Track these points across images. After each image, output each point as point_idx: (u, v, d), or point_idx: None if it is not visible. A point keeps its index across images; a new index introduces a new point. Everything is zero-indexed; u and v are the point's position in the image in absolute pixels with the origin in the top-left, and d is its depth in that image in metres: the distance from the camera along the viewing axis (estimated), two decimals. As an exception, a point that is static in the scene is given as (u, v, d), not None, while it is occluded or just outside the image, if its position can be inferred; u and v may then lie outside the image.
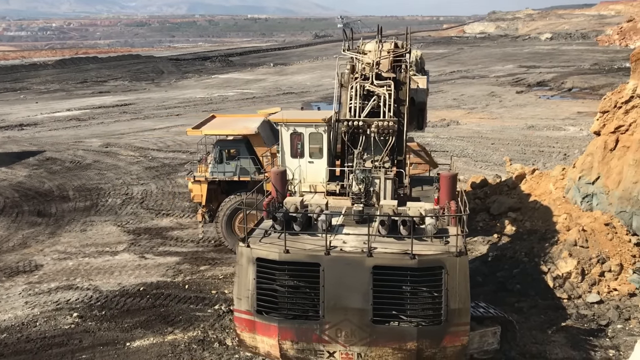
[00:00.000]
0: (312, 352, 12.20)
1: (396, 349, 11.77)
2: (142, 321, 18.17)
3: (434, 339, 11.76)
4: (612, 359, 15.49)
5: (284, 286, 12.32)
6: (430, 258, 11.69)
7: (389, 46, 17.68)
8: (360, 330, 11.77)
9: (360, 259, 11.72)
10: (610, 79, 72.11)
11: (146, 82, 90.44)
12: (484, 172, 33.48)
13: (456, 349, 11.97)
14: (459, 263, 11.62)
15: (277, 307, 12.30)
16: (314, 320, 12.07)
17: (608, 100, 23.75)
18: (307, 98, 68.64)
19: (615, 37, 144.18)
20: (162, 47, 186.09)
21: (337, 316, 11.82)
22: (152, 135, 48.20)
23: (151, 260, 22.94)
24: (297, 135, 17.15)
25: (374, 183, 15.09)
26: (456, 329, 11.83)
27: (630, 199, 21.91)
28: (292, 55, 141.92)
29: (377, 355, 11.90)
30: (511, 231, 23.73)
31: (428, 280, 11.77)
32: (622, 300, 18.52)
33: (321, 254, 11.82)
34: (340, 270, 11.79)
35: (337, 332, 11.87)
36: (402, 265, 11.57)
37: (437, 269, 11.66)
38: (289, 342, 12.22)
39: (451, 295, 11.62)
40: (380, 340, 11.78)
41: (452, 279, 11.59)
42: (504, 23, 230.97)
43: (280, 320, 12.20)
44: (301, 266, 12.08)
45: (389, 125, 15.67)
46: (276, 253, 12.10)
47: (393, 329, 11.77)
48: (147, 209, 29.52)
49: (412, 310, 11.83)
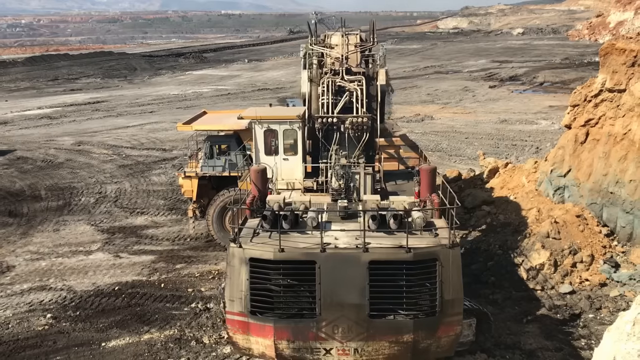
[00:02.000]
0: (309, 350, 12.19)
1: (393, 342, 11.91)
2: (117, 321, 17.99)
3: (429, 330, 11.94)
4: (584, 347, 15.80)
5: (279, 285, 12.24)
6: (425, 251, 11.87)
7: (355, 39, 17.69)
8: (357, 325, 11.83)
9: (356, 255, 11.76)
10: (581, 73, 73.33)
11: (119, 79, 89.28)
12: (458, 166, 33.82)
13: (450, 338, 12.24)
14: (452, 255, 11.89)
15: (272, 307, 12.21)
16: (310, 318, 12.05)
17: (578, 94, 24.16)
18: (282, 94, 68.51)
19: (585, 32, 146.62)
20: (134, 44, 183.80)
21: (333, 313, 11.83)
22: (126, 133, 47.64)
23: (126, 259, 22.71)
24: (271, 133, 17.09)
25: (354, 179, 15.13)
26: (450, 319, 12.08)
27: (601, 190, 22.34)
28: (266, 51, 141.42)
29: (374, 349, 12.00)
30: (485, 224, 24.01)
31: (423, 272, 11.91)
32: (593, 290, 18.90)
33: (317, 252, 11.81)
34: (336, 267, 11.79)
35: (334, 329, 11.89)
36: (397, 259, 11.69)
37: (431, 262, 11.85)
38: (285, 342, 12.15)
39: (445, 287, 11.84)
40: (376, 335, 11.89)
41: (445, 271, 11.81)
42: (476, 18, 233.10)
43: (276, 320, 12.12)
44: (297, 264, 12.02)
45: (363, 122, 15.73)
46: (271, 252, 11.99)
47: (389, 323, 11.89)
48: (121, 207, 29.20)
49: (407, 303, 11.96)
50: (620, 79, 22.36)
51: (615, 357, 9.12)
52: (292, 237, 12.53)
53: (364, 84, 16.17)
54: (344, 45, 17.26)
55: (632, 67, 21.84)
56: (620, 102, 22.29)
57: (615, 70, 22.63)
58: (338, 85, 16.34)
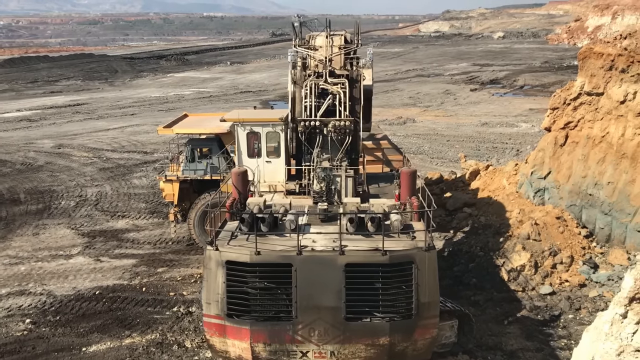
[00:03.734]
0: (285, 352, 12.20)
1: (369, 344, 11.91)
2: (98, 325, 17.81)
3: (405, 333, 11.96)
4: (564, 348, 15.98)
5: (255, 288, 12.22)
6: (401, 254, 11.87)
7: (339, 41, 17.67)
8: (333, 328, 11.83)
9: (332, 258, 11.76)
10: (560, 77, 74.27)
11: (99, 82, 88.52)
12: (439, 168, 34.05)
13: (426, 341, 12.26)
14: (428, 257, 11.89)
15: (248, 310, 12.19)
16: (286, 321, 12.03)
17: (558, 97, 24.47)
18: (265, 97, 68.40)
19: (564, 36, 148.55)
20: (115, 46, 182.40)
21: (310, 315, 11.84)
22: (106, 136, 47.24)
23: (107, 263, 22.51)
24: (254, 135, 17.05)
25: (335, 181, 15.15)
26: (426, 322, 12.11)
27: (580, 192, 22.63)
28: (249, 53, 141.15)
29: (350, 352, 12.01)
30: (467, 226, 24.19)
31: (399, 275, 11.93)
32: (573, 291, 19.13)
33: (293, 254, 11.80)
34: (312, 270, 11.79)
35: (310, 332, 11.89)
36: (373, 262, 11.71)
37: (407, 264, 11.86)
38: (262, 345, 12.15)
39: (421, 289, 11.85)
40: (353, 337, 11.90)
41: (422, 274, 11.82)
42: (458, 22, 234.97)
43: (252, 323, 12.10)
44: (273, 267, 12.01)
45: (345, 125, 15.74)
46: (247, 255, 11.97)
47: (366, 325, 11.89)
48: (102, 210, 28.93)
49: (383, 306, 11.98)
50: (598, 83, 22.69)
51: (594, 356, 9.25)
52: (270, 240, 12.52)
53: (347, 87, 16.15)
54: (328, 47, 17.22)
55: (610, 71, 22.18)
56: (599, 105, 22.63)
57: (593, 73, 22.96)
58: (321, 88, 16.33)
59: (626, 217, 21.05)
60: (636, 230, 20.69)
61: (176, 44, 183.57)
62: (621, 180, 21.34)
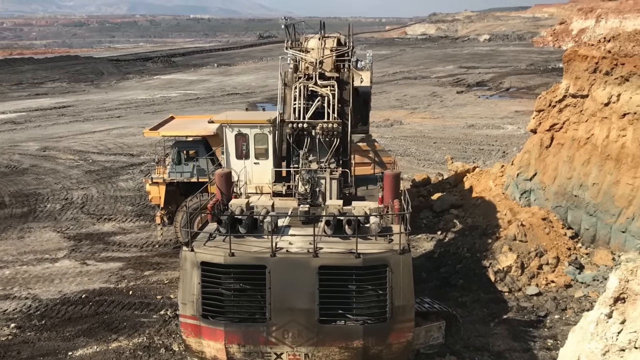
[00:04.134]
0: (259, 354, 12.20)
1: (343, 347, 11.88)
2: (84, 329, 17.68)
3: (379, 336, 11.91)
4: (550, 348, 16.10)
5: (229, 289, 12.26)
6: (374, 257, 11.83)
7: (332, 43, 17.67)
8: (307, 330, 11.82)
9: (306, 260, 11.76)
10: (546, 79, 74.86)
11: (85, 84, 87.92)
12: (426, 170, 34.18)
13: (401, 345, 12.17)
14: (402, 261, 11.80)
15: (223, 311, 12.24)
16: (260, 323, 12.04)
17: (543, 100, 24.68)
18: (252, 99, 68.30)
19: (549, 38, 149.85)
20: (101, 48, 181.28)
21: (283, 317, 11.84)
22: (92, 138, 46.93)
23: (93, 267, 22.35)
24: (242, 137, 17.03)
25: (320, 183, 15.15)
26: (401, 325, 12.02)
27: (565, 194, 22.84)
28: (236, 55, 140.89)
29: (324, 354, 11.98)
30: (454, 228, 24.31)
31: (373, 278, 11.90)
32: (559, 292, 19.28)
33: (267, 256, 11.80)
34: (286, 272, 11.80)
35: (284, 334, 11.89)
36: (347, 264, 11.69)
37: (381, 267, 11.81)
38: (236, 346, 12.17)
39: (395, 293, 11.78)
40: (327, 340, 11.87)
41: (396, 277, 11.75)
42: (444, 25, 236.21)
43: (227, 324, 12.13)
44: (247, 269, 12.04)
45: (333, 127, 15.75)
46: (221, 256, 11.99)
47: (339, 328, 11.87)
48: (88, 213, 28.73)
49: (357, 309, 11.96)
50: (583, 85, 22.93)
51: (579, 356, 9.33)
52: (247, 242, 12.52)
53: (337, 89, 16.15)
54: (320, 49, 17.21)
55: (594, 74, 22.42)
56: (583, 108, 22.86)
57: (578, 76, 23.20)
58: (311, 90, 16.33)
59: (611, 218, 21.27)
60: (620, 231, 20.92)
61: (163, 46, 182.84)
62: (606, 181, 21.56)
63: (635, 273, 8.63)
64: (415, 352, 15.60)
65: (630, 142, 20.99)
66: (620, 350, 8.58)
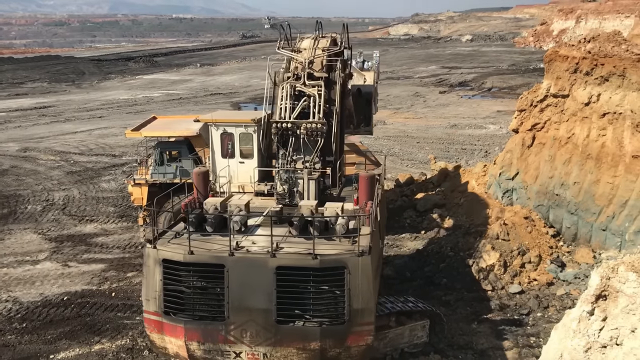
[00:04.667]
0: (219, 352, 12.22)
1: (300, 348, 11.82)
2: (66, 332, 17.49)
3: (337, 338, 11.80)
4: (533, 345, 16.23)
5: (189, 287, 12.34)
6: (331, 258, 11.71)
7: (325, 43, 17.56)
8: (264, 330, 11.81)
9: (263, 260, 11.74)
10: (527, 79, 75.53)
11: (66, 84, 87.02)
12: (410, 170, 34.33)
13: (360, 348, 11.99)
14: (361, 263, 11.62)
15: (183, 308, 12.31)
16: (219, 321, 12.07)
17: (525, 99, 24.90)
18: (235, 99, 68.08)
19: (530, 39, 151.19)
20: (83, 48, 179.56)
21: (242, 317, 11.85)
22: (74, 139, 46.47)
23: (75, 269, 22.13)
24: (228, 136, 16.99)
25: (297, 183, 15.12)
26: (360, 328, 11.84)
27: (547, 193, 23.06)
28: (219, 55, 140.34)
29: (282, 355, 11.95)
30: (437, 227, 24.45)
31: (330, 280, 11.80)
32: (541, 290, 19.47)
33: (225, 255, 11.83)
34: (244, 271, 11.81)
35: (243, 333, 11.90)
36: (304, 265, 11.61)
37: (339, 269, 11.67)
38: (196, 343, 12.22)
39: (354, 295, 11.63)
40: (284, 341, 11.83)
41: (354, 279, 11.59)
42: (426, 25, 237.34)
43: (187, 321, 12.19)
44: (206, 267, 12.09)
45: (317, 127, 15.72)
46: (181, 254, 12.06)
47: (297, 329, 11.81)
48: (69, 215, 28.43)
49: (315, 310, 11.89)
50: (563, 85, 23.18)
51: (562, 353, 9.43)
52: (212, 240, 12.50)
53: (323, 89, 16.04)
54: (311, 49, 17.15)
55: (575, 74, 22.67)
56: (564, 107, 23.11)
57: (559, 76, 23.44)
58: (299, 91, 16.30)
59: (591, 217, 21.52)
60: (601, 229, 21.18)
61: (145, 46, 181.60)
62: (586, 180, 21.82)
63: (616, 271, 8.75)
64: (399, 351, 15.69)
65: (610, 142, 21.26)
66: (602, 347, 8.69)
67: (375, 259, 12.85)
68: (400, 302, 16.03)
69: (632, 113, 20.48)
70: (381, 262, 16.87)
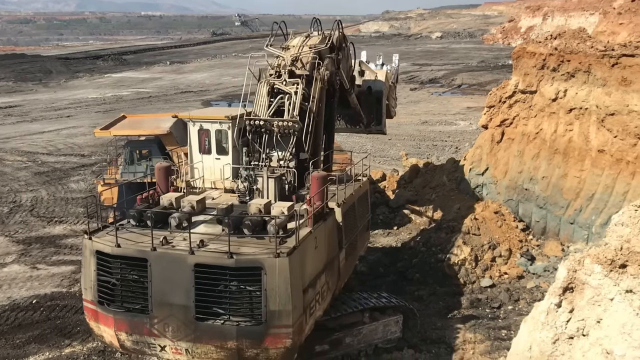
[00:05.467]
0: (146, 344, 12.44)
1: (218, 347, 11.84)
2: (35, 335, 17.19)
3: (254, 339, 11.76)
4: (504, 338, 16.49)
5: (118, 279, 12.58)
6: (247, 258, 11.63)
7: (316, 41, 17.38)
8: (185, 326, 11.89)
9: (183, 257, 11.80)
10: (496, 76, 76.56)
11: (33, 83, 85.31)
12: (382, 167, 34.52)
13: (279, 351, 11.89)
14: (278, 264, 11.47)
15: (113, 299, 12.57)
16: (145, 314, 12.23)
17: (494, 96, 25.25)
18: (206, 97, 67.57)
19: (499, 36, 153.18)
20: (49, 46, 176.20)
21: (164, 311, 12.00)
22: (41, 139, 45.62)
23: (44, 271, 21.74)
24: (204, 132, 16.94)
25: (257, 181, 15.09)
26: (277, 330, 11.72)
27: (516, 187, 23.43)
28: (189, 53, 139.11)
29: (203, 352, 12.03)
30: (409, 223, 24.66)
31: (246, 280, 11.74)
32: (511, 283, 19.78)
33: (148, 250, 11.99)
34: (165, 267, 11.94)
35: (165, 327, 12.04)
36: (220, 264, 11.59)
37: (255, 270, 11.59)
38: (124, 334, 12.49)
39: (270, 297, 11.53)
40: (203, 338, 11.87)
41: (271, 280, 11.48)
42: (397, 22, 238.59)
43: (116, 312, 12.47)
44: (131, 260, 12.30)
45: (289, 125, 15.66)
46: (109, 246, 12.32)
47: (215, 327, 11.79)
48: (37, 216, 27.91)
49: (232, 310, 11.86)
50: (531, 81, 23.55)
51: (531, 345, 9.59)
52: (147, 235, 12.50)
53: (301, 87, 15.89)
54: (299, 46, 16.99)
55: (542, 70, 23.05)
56: (532, 103, 23.48)
57: (526, 72, 23.81)
58: (277, 88, 16.19)
59: (560, 210, 21.93)
60: (569, 222, 21.60)
61: (113, 44, 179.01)
62: (554, 174, 22.22)
63: (582, 263, 8.92)
64: (373, 346, 15.79)
65: (577, 136, 21.68)
66: (569, 338, 8.86)
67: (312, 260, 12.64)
68: (374, 297, 16.14)
69: (597, 108, 20.92)
70: (353, 260, 16.66)
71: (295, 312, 11.75)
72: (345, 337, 15.25)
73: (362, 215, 16.86)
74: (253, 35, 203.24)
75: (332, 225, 14.08)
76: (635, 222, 9.04)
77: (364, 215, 17.03)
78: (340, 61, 17.83)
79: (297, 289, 11.78)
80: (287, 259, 11.41)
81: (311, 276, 12.56)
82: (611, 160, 20.52)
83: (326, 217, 13.83)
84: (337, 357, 15.23)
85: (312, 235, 12.71)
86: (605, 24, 55.71)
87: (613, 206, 19.62)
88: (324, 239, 13.48)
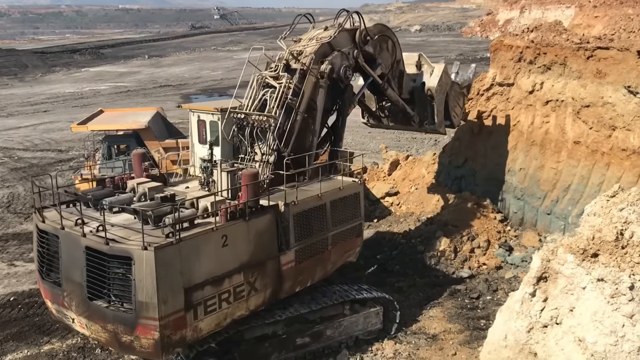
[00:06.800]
0: (63, 315, 13.30)
1: (102, 327, 12.38)
2: (14, 333, 17.04)
3: (127, 326, 12.08)
4: (483, 328, 16.71)
5: (46, 252, 13.45)
6: (119, 247, 11.90)
7: (327, 34, 17.10)
8: (81, 303, 12.55)
9: (77, 238, 12.44)
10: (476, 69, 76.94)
11: (8, 77, 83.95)
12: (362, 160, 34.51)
13: (149, 342, 12.07)
14: (145, 257, 11.59)
15: (44, 271, 13.53)
16: (58, 287, 13.09)
17: (472, 88, 25.40)
18: (185, 91, 67.08)
19: (477, 29, 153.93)
20: (25, 40, 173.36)
21: (69, 286, 12.79)
22: (17, 134, 44.98)
23: (22, 268, 21.51)
24: (202, 122, 17.02)
25: (213, 173, 15.17)
26: (146, 322, 11.88)
27: (494, 179, 23.68)
28: (167, 46, 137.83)
29: (95, 330, 12.64)
30: (389, 215, 24.80)
31: (120, 268, 12.04)
32: (490, 274, 20.04)
33: (58, 228, 12.80)
34: (69, 245, 12.65)
35: (70, 301, 12.79)
36: (99, 249, 12.04)
37: (125, 259, 11.82)
38: (50, 303, 13.60)
39: (139, 287, 11.74)
40: (93, 316, 12.48)
41: (139, 272, 11.68)
42: (376, 15, 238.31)
43: (44, 282, 13.55)
44: (49, 236, 13.22)
45: (264, 120, 15.63)
46: (39, 222, 13.41)
47: (100, 308, 12.26)
48: (14, 213, 27.57)
49: (112, 295, 12.26)
50: (508, 74, 23.79)
51: (506, 335, 9.77)
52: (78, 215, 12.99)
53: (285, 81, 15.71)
54: (305, 39, 16.84)
55: (519, 63, 23.28)
56: (510, 96, 23.73)
57: (504, 65, 24.04)
58: (266, 82, 16.10)
59: (537, 201, 22.24)
60: (546, 213, 21.91)
61: (90, 38, 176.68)
62: (531, 166, 22.50)
63: (555, 253, 9.09)
64: (354, 338, 15.92)
65: (553, 128, 21.97)
66: (543, 326, 9.03)
67: (212, 257, 12.52)
68: (354, 289, 16.24)
69: (573, 100, 21.21)
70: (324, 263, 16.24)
71: (166, 306, 11.80)
72: (326, 329, 15.36)
73: (344, 219, 15.99)
74: (232, 29, 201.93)
75: (265, 225, 13.69)
76: (606, 212, 9.22)
77: (347, 219, 16.13)
78: (357, 55, 17.52)
79: (168, 284, 11.80)
80: (153, 252, 11.48)
81: (209, 274, 12.46)
82: (587, 152, 20.84)
83: (256, 215, 13.47)
84: (318, 349, 15.34)
85: (215, 233, 12.53)
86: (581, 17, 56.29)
87: (589, 197, 19.93)
88: (246, 237, 13.19)
